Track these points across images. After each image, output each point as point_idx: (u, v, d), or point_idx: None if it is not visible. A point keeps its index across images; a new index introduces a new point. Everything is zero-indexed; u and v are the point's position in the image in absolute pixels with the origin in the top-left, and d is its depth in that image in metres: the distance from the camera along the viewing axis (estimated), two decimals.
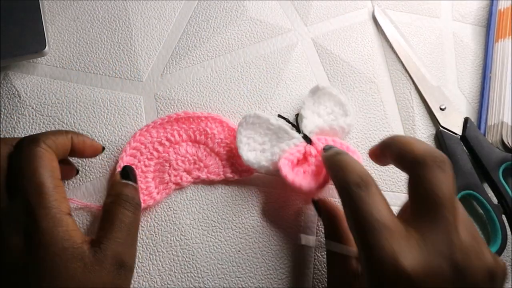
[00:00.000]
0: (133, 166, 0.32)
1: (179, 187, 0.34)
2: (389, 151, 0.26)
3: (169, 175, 0.33)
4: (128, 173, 0.30)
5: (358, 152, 0.34)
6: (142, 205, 0.31)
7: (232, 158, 0.35)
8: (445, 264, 0.21)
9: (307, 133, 0.34)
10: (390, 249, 0.21)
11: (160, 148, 0.34)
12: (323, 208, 0.31)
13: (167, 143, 0.34)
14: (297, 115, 0.36)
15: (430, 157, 0.24)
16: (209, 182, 0.34)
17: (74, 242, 0.24)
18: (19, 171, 0.25)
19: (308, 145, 0.34)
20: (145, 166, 0.34)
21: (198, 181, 0.34)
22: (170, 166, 0.34)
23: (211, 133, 0.35)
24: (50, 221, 0.24)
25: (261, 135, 0.34)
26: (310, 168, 0.33)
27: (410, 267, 0.21)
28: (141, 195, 0.32)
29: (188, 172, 0.34)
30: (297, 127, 0.35)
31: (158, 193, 0.33)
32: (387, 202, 0.24)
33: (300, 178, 0.32)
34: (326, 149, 0.29)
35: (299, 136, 0.34)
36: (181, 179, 0.34)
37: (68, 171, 0.33)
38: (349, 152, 0.30)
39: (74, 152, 0.30)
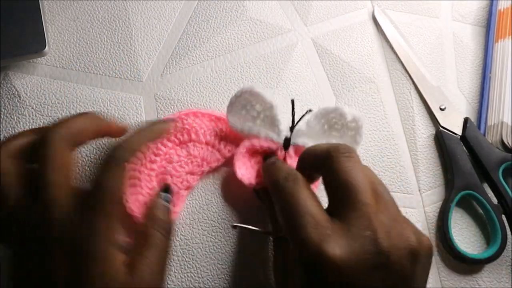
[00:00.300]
0: (139, 195, 0.32)
1: (190, 190, 0.34)
2: (304, 163, 0.28)
3: (176, 184, 0.33)
4: (168, 196, 0.30)
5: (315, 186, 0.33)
6: None
7: (223, 139, 0.34)
8: (368, 248, 0.22)
9: (292, 140, 0.33)
10: (316, 238, 0.22)
11: (154, 166, 0.33)
12: (264, 195, 0.32)
13: (157, 158, 0.34)
14: (309, 110, 0.33)
15: (333, 149, 0.25)
16: (215, 171, 0.34)
17: (118, 276, 0.23)
18: (103, 188, 0.24)
19: (282, 148, 0.33)
20: (150, 188, 0.33)
21: (204, 175, 0.34)
22: (172, 176, 0.33)
23: (192, 128, 0.34)
24: (104, 252, 0.23)
25: (260, 110, 0.33)
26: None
27: (335, 255, 0.22)
28: None
29: (191, 173, 0.34)
30: (293, 125, 0.33)
31: (175, 206, 0.32)
32: (315, 195, 0.25)
33: (245, 170, 0.32)
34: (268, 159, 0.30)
35: (281, 137, 0.33)
36: (188, 182, 0.33)
37: None
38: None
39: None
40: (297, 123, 0.33)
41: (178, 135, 0.34)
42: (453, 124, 0.37)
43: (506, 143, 0.35)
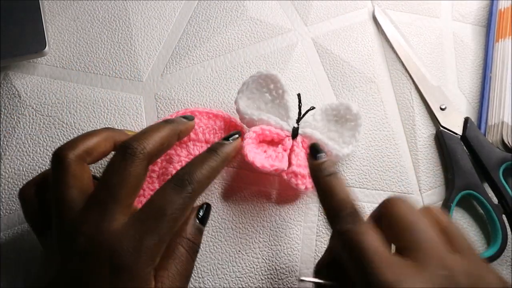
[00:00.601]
0: (142, 197, 0.32)
1: None
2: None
3: None
4: (204, 214, 0.29)
5: None
6: None
7: (222, 135, 0.34)
8: (447, 287, 0.21)
9: (301, 130, 0.33)
10: (391, 278, 0.21)
11: (155, 167, 0.34)
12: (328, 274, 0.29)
13: (158, 160, 0.34)
14: (312, 108, 0.34)
15: (392, 197, 0.25)
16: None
17: None
18: (115, 184, 0.25)
19: (290, 137, 0.33)
20: (152, 190, 0.33)
21: None
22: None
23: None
24: (143, 271, 0.23)
25: (271, 98, 0.34)
26: (274, 154, 0.33)
27: None
28: None
29: None
30: (299, 116, 0.34)
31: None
32: (381, 234, 0.23)
33: (255, 154, 0.32)
34: (317, 156, 0.27)
35: (291, 124, 0.33)
36: None
37: None
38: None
39: None
40: (303, 115, 0.34)
41: None
42: (454, 124, 0.37)
43: (507, 142, 0.35)
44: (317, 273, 0.28)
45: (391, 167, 0.36)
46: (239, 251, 0.32)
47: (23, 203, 0.28)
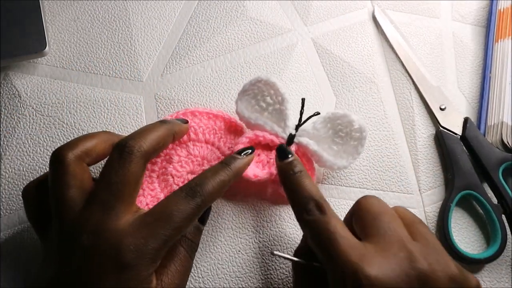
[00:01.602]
0: (141, 196, 0.32)
1: None
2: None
3: (177, 185, 0.33)
4: (205, 215, 0.30)
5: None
6: None
7: (222, 137, 0.34)
8: (406, 268, 0.22)
9: (297, 138, 0.33)
10: (353, 258, 0.22)
11: (155, 167, 0.34)
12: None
13: (158, 159, 0.34)
14: (317, 113, 0.33)
15: (362, 197, 0.27)
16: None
17: None
18: (114, 183, 0.25)
19: (284, 143, 0.33)
20: (152, 190, 0.33)
21: None
22: (173, 177, 0.33)
23: (190, 127, 0.34)
24: (146, 272, 0.24)
25: (270, 103, 0.34)
26: (266, 158, 0.33)
27: (373, 274, 0.22)
28: None
29: (192, 172, 0.34)
30: (299, 123, 0.33)
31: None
32: (343, 223, 0.25)
33: (253, 168, 0.32)
34: (282, 157, 0.29)
35: (287, 132, 0.33)
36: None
37: None
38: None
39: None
40: (304, 122, 0.33)
41: None
42: (453, 124, 0.37)
43: (506, 143, 0.35)
44: (296, 254, 0.29)
45: (391, 167, 0.36)
46: (239, 251, 0.32)
47: (26, 202, 0.28)
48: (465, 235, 0.34)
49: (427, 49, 0.42)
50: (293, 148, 0.33)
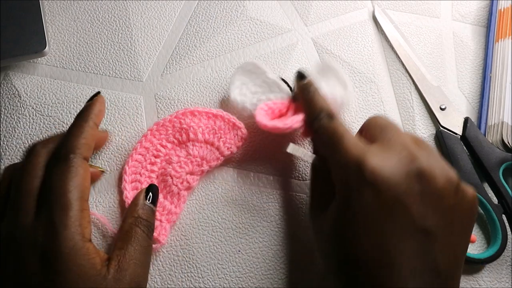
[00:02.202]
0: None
1: (191, 190, 0.34)
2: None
3: (176, 185, 0.33)
4: (152, 195, 0.30)
5: None
6: (168, 225, 0.32)
7: (221, 137, 0.34)
8: (406, 162, 0.24)
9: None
10: (355, 151, 0.24)
11: (155, 167, 0.34)
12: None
13: (157, 160, 0.34)
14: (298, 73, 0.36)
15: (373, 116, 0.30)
16: (214, 170, 0.34)
17: (94, 268, 0.24)
18: (49, 187, 0.25)
19: (293, 101, 0.34)
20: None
21: (204, 175, 0.34)
22: (172, 177, 0.33)
23: (190, 127, 0.34)
24: (72, 247, 0.24)
25: (255, 85, 0.36)
26: (285, 118, 0.34)
27: (374, 165, 0.23)
28: (162, 218, 0.32)
29: (191, 173, 0.34)
30: (291, 88, 0.36)
31: (176, 207, 0.33)
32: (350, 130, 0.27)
33: (270, 121, 0.33)
34: (302, 77, 0.32)
35: (289, 92, 0.35)
36: (188, 182, 0.33)
37: (94, 175, 0.33)
38: None
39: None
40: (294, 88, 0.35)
41: (176, 135, 0.35)
42: (453, 124, 0.37)
43: (507, 143, 0.35)
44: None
45: None
46: (239, 251, 0.32)
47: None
48: None
49: (427, 49, 0.41)
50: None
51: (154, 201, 0.30)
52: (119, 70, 0.39)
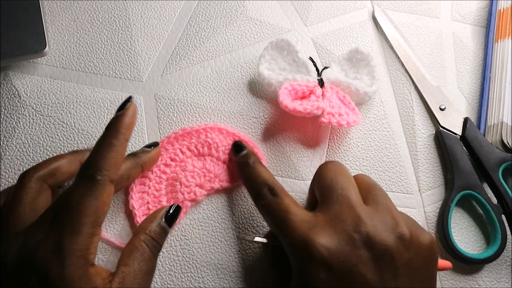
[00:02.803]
0: (145, 194, 0.33)
1: (195, 202, 0.33)
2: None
3: (182, 194, 0.33)
4: (172, 215, 0.30)
5: (359, 115, 0.36)
6: None
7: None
8: (351, 230, 0.24)
9: (324, 78, 0.36)
10: (302, 229, 0.25)
11: (167, 170, 0.34)
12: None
13: (172, 163, 0.34)
14: (326, 67, 0.37)
15: (323, 163, 0.29)
16: (224, 191, 0.34)
17: None
18: (66, 206, 0.24)
19: (318, 86, 0.36)
20: (157, 190, 0.33)
21: (212, 192, 0.34)
22: (181, 185, 0.33)
23: (214, 142, 0.34)
24: (75, 274, 0.23)
25: (284, 62, 0.37)
26: (306, 102, 0.35)
27: (320, 240, 0.24)
28: None
29: (201, 186, 0.33)
30: (319, 72, 0.37)
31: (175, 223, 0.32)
32: (295, 200, 0.28)
33: (291, 103, 0.34)
34: (238, 151, 0.32)
35: (315, 75, 0.36)
36: (195, 194, 0.33)
37: None
38: (349, 115, 0.35)
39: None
40: (322, 71, 0.37)
41: (198, 146, 0.34)
42: (453, 124, 0.37)
43: (506, 143, 0.35)
44: (266, 236, 0.31)
45: (390, 167, 0.36)
46: (239, 251, 0.32)
47: None
48: (465, 235, 0.34)
49: (427, 49, 0.42)
50: (327, 86, 0.36)
51: (171, 222, 0.30)
52: (119, 70, 0.39)
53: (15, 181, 0.33)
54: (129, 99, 0.27)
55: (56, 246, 0.23)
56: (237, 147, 0.33)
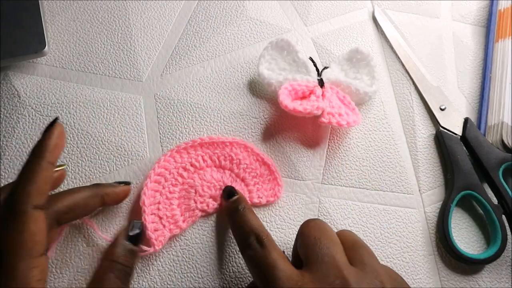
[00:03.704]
0: (158, 193, 0.32)
1: (205, 214, 0.33)
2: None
3: (195, 202, 0.33)
4: (137, 233, 0.29)
5: (359, 115, 0.36)
6: (169, 234, 0.31)
7: (258, 183, 0.34)
8: None
9: (324, 79, 0.36)
10: (289, 284, 0.23)
11: (185, 174, 0.33)
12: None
13: (191, 169, 0.34)
14: (326, 67, 0.37)
15: (304, 223, 0.28)
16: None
17: None
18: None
19: (318, 86, 0.36)
20: (170, 192, 0.33)
21: (222, 208, 0.33)
22: (196, 193, 0.33)
23: (236, 158, 0.34)
24: None
25: (284, 62, 0.37)
26: (306, 102, 0.35)
27: None
28: (166, 224, 0.31)
29: (214, 199, 0.33)
30: (319, 72, 0.37)
31: (184, 221, 0.32)
32: (283, 254, 0.26)
33: (291, 103, 0.34)
34: (229, 196, 0.31)
35: (315, 75, 0.37)
36: (207, 206, 0.33)
37: (60, 177, 0.31)
38: (349, 115, 0.35)
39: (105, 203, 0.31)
40: (322, 71, 0.37)
41: (221, 158, 0.34)
42: (453, 124, 0.37)
43: (506, 143, 0.35)
44: None
45: (391, 167, 0.36)
46: (239, 251, 0.32)
47: None
48: (465, 236, 0.34)
49: (427, 49, 0.41)
50: (327, 86, 0.36)
51: (137, 241, 0.28)
52: (119, 70, 0.39)
53: None
54: (55, 120, 0.25)
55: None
56: (229, 192, 0.31)
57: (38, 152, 0.24)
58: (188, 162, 0.34)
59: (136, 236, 0.28)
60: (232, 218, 0.30)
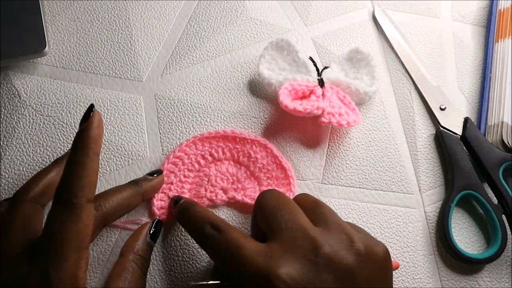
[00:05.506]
0: (173, 174, 0.33)
1: (212, 204, 0.33)
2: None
3: (206, 190, 0.33)
4: (155, 231, 0.31)
5: (359, 115, 0.36)
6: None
7: (271, 185, 0.34)
8: (310, 255, 0.23)
9: (324, 78, 0.36)
10: (260, 263, 0.23)
11: (202, 162, 0.34)
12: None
13: (209, 158, 0.34)
14: (326, 67, 0.38)
15: (261, 192, 0.28)
16: (242, 206, 0.34)
17: None
18: (48, 235, 0.23)
19: (318, 86, 0.36)
20: (184, 176, 0.33)
21: (231, 203, 0.34)
22: (208, 181, 0.33)
23: (254, 156, 0.34)
24: None
25: (284, 62, 0.37)
26: (306, 101, 0.35)
27: (282, 271, 0.22)
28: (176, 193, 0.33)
29: (225, 191, 0.33)
30: (319, 72, 0.37)
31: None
32: (242, 232, 0.25)
33: (292, 103, 0.34)
34: (176, 202, 0.31)
35: (315, 75, 0.37)
36: (216, 196, 0.33)
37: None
38: (349, 115, 0.35)
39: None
40: (322, 71, 0.37)
41: (240, 153, 0.34)
42: (453, 124, 0.37)
43: (506, 143, 0.35)
44: (213, 276, 0.29)
45: (391, 167, 0.36)
46: None
47: None
48: (465, 235, 0.34)
49: (427, 49, 0.41)
50: (327, 86, 0.36)
51: (155, 237, 0.31)
52: (119, 70, 0.39)
53: (15, 181, 0.34)
54: (91, 107, 0.24)
55: (44, 276, 0.22)
56: (176, 199, 0.31)
57: (83, 145, 0.24)
58: (207, 151, 0.34)
59: (155, 234, 0.31)
60: (182, 217, 0.29)
